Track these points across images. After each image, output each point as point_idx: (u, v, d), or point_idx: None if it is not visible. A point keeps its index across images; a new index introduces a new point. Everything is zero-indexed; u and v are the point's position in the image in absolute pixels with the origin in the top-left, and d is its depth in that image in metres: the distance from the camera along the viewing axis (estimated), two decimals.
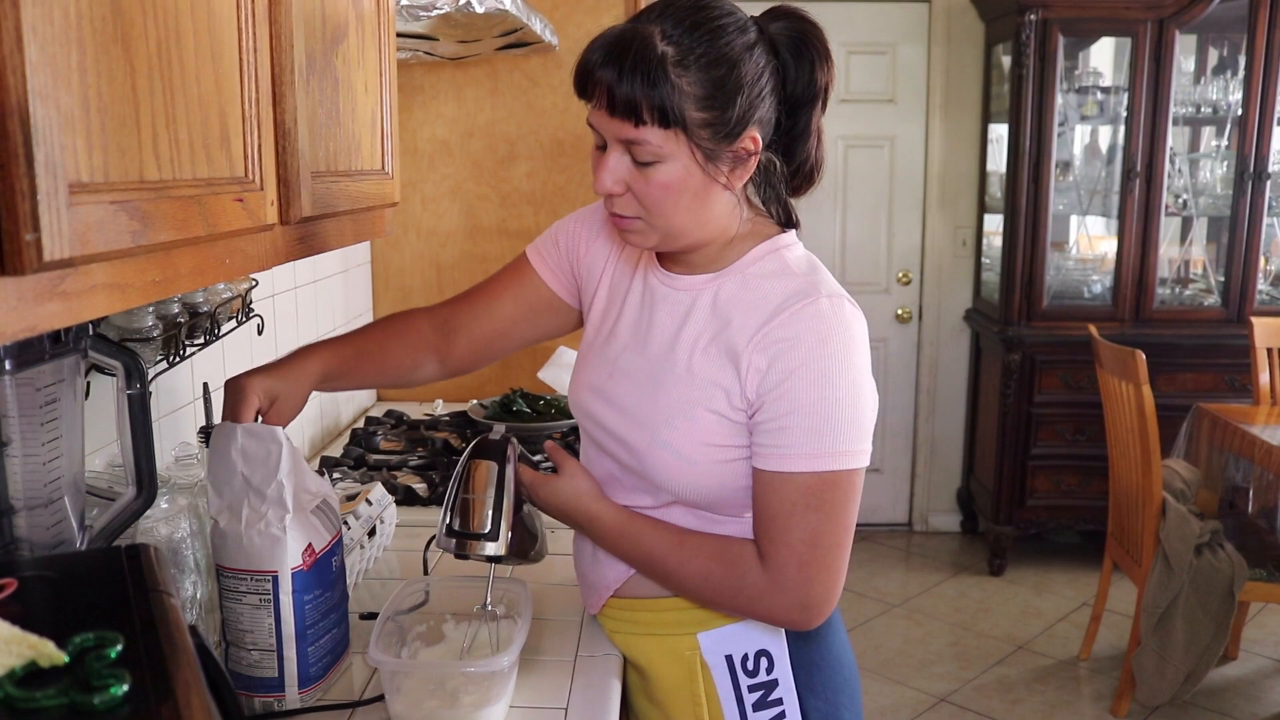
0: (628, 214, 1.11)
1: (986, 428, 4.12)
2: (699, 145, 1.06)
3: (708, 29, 1.04)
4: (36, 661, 0.65)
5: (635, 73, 1.02)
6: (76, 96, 0.63)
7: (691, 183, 1.08)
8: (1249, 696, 3.14)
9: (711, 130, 1.05)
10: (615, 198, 1.10)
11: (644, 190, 1.08)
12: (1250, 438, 2.94)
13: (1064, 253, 4.15)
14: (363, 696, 1.21)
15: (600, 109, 1.06)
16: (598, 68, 1.04)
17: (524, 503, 1.22)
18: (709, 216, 1.12)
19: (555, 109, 2.59)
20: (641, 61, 1.02)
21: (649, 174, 1.07)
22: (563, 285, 1.33)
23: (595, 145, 1.11)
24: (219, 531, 1.14)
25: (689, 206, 1.09)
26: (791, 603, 1.11)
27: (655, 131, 1.04)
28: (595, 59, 1.05)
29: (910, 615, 3.69)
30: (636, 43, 1.02)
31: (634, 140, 1.05)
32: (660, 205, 1.09)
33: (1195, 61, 4.10)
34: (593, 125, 1.09)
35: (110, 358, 1.07)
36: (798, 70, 1.11)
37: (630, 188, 1.09)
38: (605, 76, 1.03)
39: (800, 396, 1.07)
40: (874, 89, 4.18)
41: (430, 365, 1.36)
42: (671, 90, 1.02)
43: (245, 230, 0.90)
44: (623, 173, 1.08)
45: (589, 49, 1.06)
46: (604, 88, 1.04)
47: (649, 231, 1.12)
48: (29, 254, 0.59)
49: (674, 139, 1.05)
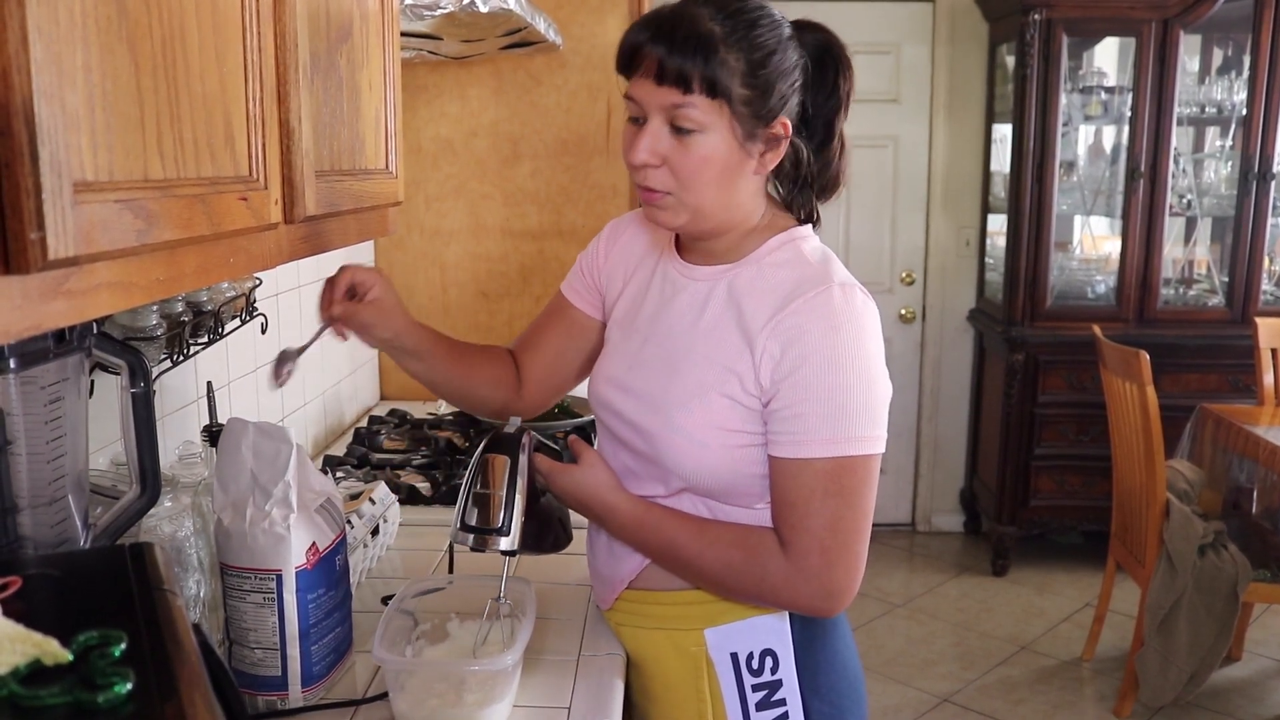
0: (660, 188, 1.13)
1: (990, 428, 4.11)
2: (739, 121, 1.09)
3: (748, 17, 1.09)
4: (41, 660, 0.65)
5: (688, 43, 1.06)
6: (81, 95, 0.63)
7: (728, 158, 1.11)
8: (1252, 698, 3.13)
9: (751, 109, 1.10)
10: (649, 170, 1.12)
11: (681, 161, 1.11)
12: (1254, 438, 2.94)
13: (1068, 253, 4.14)
14: (366, 695, 1.21)
15: (647, 78, 1.09)
16: (649, 41, 1.08)
17: (543, 493, 1.23)
18: (736, 199, 1.15)
19: (559, 108, 2.59)
20: (693, 34, 1.06)
21: (689, 144, 1.10)
22: (591, 304, 1.38)
23: (630, 118, 1.14)
24: (223, 530, 1.14)
25: (721, 183, 1.13)
26: (815, 590, 1.12)
27: (702, 100, 1.08)
28: (646, 34, 1.09)
29: (913, 615, 3.69)
30: (688, 18, 1.07)
31: (680, 105, 1.08)
32: (695, 178, 1.11)
33: (1199, 61, 4.09)
34: (632, 98, 1.12)
35: (114, 356, 1.07)
36: (820, 78, 1.16)
37: (667, 160, 1.11)
38: (656, 48, 1.08)
39: (814, 383, 1.09)
40: (878, 89, 4.18)
41: (507, 396, 1.40)
42: (720, 64, 1.07)
43: (249, 229, 0.90)
44: (661, 144, 1.11)
45: (638, 25, 1.10)
46: (654, 59, 1.08)
47: (679, 208, 1.14)
48: (34, 253, 0.59)
49: (717, 111, 1.08)
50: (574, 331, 1.39)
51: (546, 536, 1.28)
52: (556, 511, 1.30)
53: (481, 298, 2.70)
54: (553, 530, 1.29)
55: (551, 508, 1.28)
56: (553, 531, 1.29)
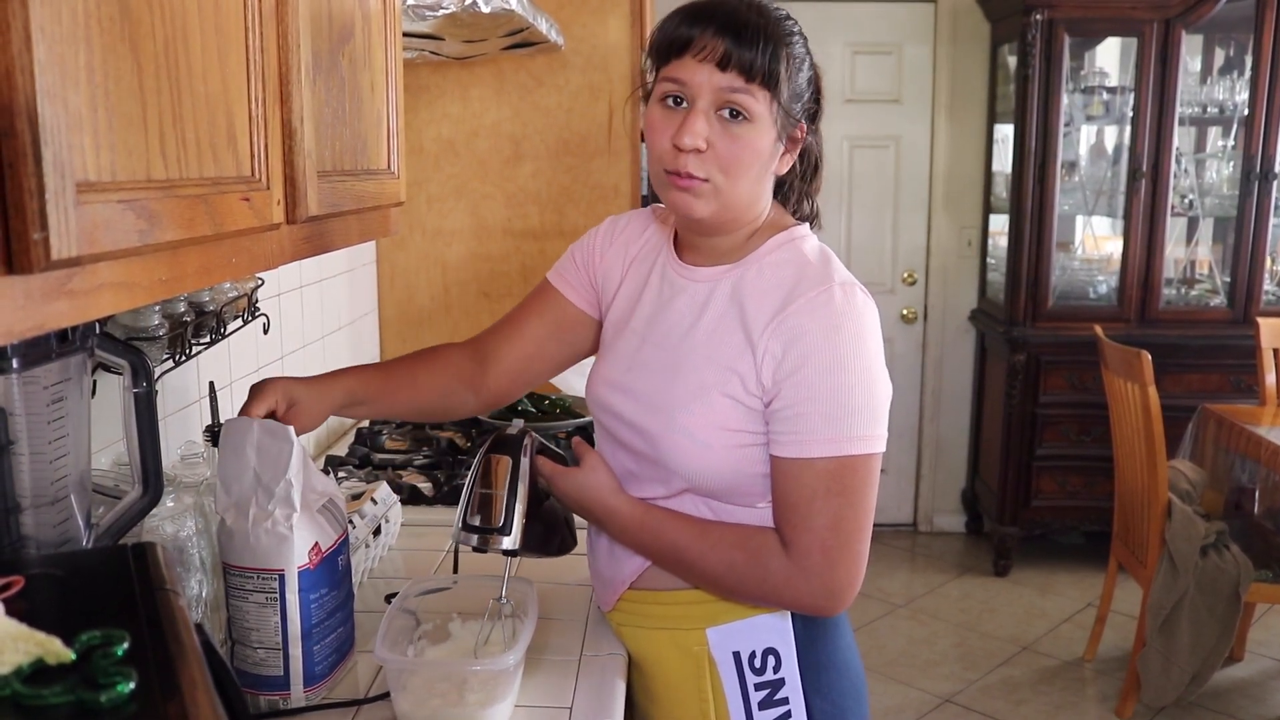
0: (700, 174, 1.12)
1: (991, 428, 4.11)
2: (780, 118, 1.12)
3: (788, 25, 1.14)
4: (43, 659, 0.65)
5: (758, 35, 1.08)
6: (84, 96, 0.63)
7: (768, 151, 1.14)
8: (1254, 698, 3.13)
9: (790, 108, 1.13)
10: (693, 155, 1.11)
11: (728, 148, 1.11)
12: (1256, 438, 2.93)
13: (1069, 253, 4.14)
14: (368, 695, 1.21)
15: (708, 62, 1.09)
16: (714, 31, 1.09)
17: (546, 495, 1.23)
18: (759, 193, 1.18)
19: (561, 109, 2.59)
20: (761, 29, 1.09)
21: (738, 132, 1.11)
22: (585, 299, 1.36)
23: (667, 98, 1.13)
24: (225, 529, 1.14)
25: (758, 176, 1.15)
26: (817, 589, 1.13)
27: (759, 89, 1.10)
28: (707, 24, 1.09)
29: (915, 616, 3.69)
30: (753, 13, 1.10)
31: (740, 90, 1.09)
32: (738, 165, 1.12)
33: (1201, 61, 4.09)
34: (679, 79, 1.11)
35: (117, 356, 1.07)
36: None
37: (713, 146, 1.11)
38: (722, 37, 1.09)
39: (815, 383, 1.09)
40: (879, 89, 4.18)
41: (464, 395, 1.38)
42: (780, 59, 1.10)
43: (251, 229, 0.91)
44: (708, 130, 1.11)
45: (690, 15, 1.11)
46: (718, 45, 1.08)
47: (712, 197, 1.14)
48: (36, 253, 0.59)
49: (768, 105, 1.11)
50: (561, 323, 1.36)
51: (553, 539, 1.28)
52: (562, 514, 1.30)
53: (483, 298, 2.70)
54: (559, 533, 1.29)
55: (556, 511, 1.28)
56: (559, 534, 1.29)
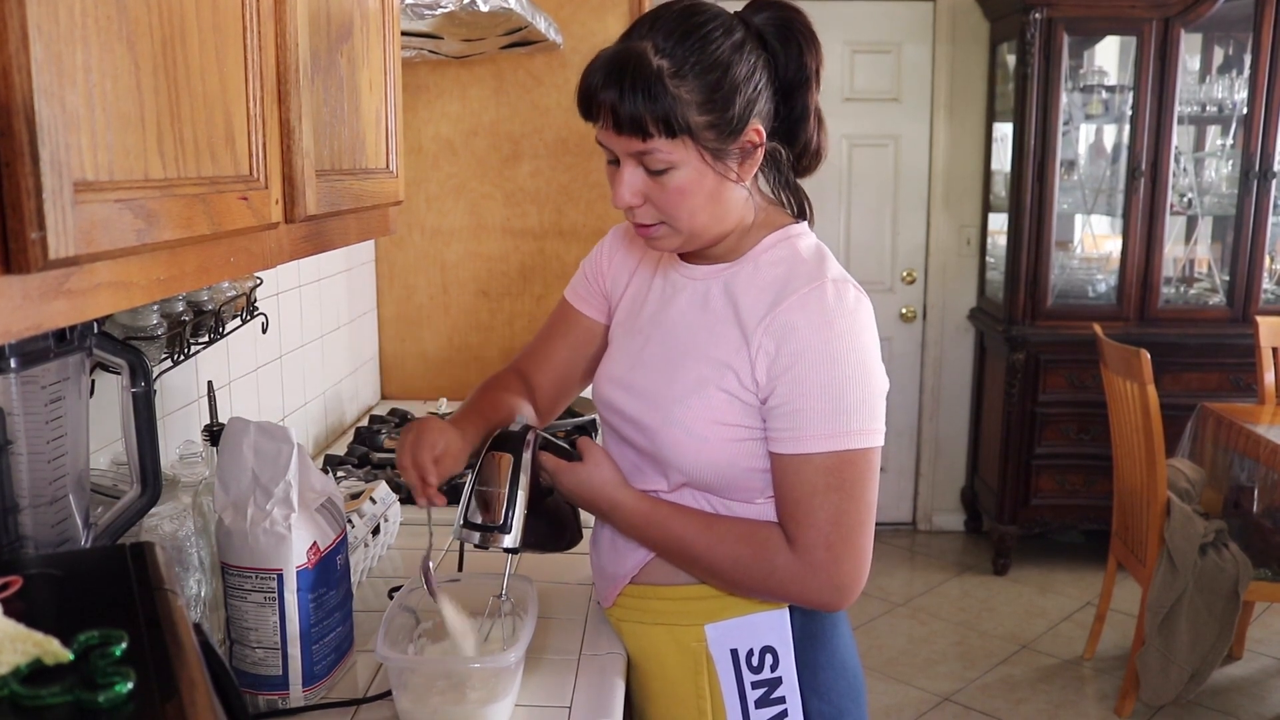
0: (650, 221, 1.16)
1: (991, 427, 4.11)
2: (706, 147, 1.10)
3: (697, 37, 1.08)
4: (41, 659, 0.65)
5: (636, 90, 1.06)
6: (81, 95, 0.63)
7: (705, 184, 1.12)
8: (1253, 696, 3.13)
9: (716, 131, 1.09)
10: (636, 209, 1.15)
11: (661, 198, 1.12)
12: (1255, 437, 2.94)
13: (1069, 252, 4.14)
14: (367, 694, 1.21)
15: (607, 128, 1.10)
16: (599, 90, 1.08)
17: (549, 491, 1.24)
18: (725, 211, 1.17)
19: (559, 108, 2.59)
20: (640, 78, 1.06)
21: (664, 181, 1.11)
22: (599, 310, 1.38)
23: (608, 161, 1.16)
24: (224, 529, 1.14)
25: (705, 206, 1.14)
26: (823, 584, 1.13)
27: (663, 142, 1.08)
28: (595, 81, 1.09)
29: (914, 614, 3.69)
30: (633, 61, 1.06)
31: (644, 151, 1.09)
32: (679, 209, 1.13)
33: (1200, 60, 4.09)
34: (602, 144, 1.14)
35: (115, 356, 1.07)
36: (786, 57, 1.14)
37: (648, 198, 1.13)
38: (608, 97, 1.08)
39: (810, 379, 1.10)
40: (879, 88, 4.18)
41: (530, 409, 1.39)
42: (673, 101, 1.06)
43: (250, 228, 0.90)
44: (639, 185, 1.12)
45: (588, 73, 1.10)
46: (608, 108, 1.08)
47: (672, 235, 1.17)
48: (34, 252, 0.59)
49: (682, 146, 1.09)
50: (582, 339, 1.40)
51: (561, 535, 1.29)
52: (568, 509, 1.30)
53: (482, 297, 2.70)
54: (567, 528, 1.30)
55: (563, 506, 1.28)
56: (567, 529, 1.30)
